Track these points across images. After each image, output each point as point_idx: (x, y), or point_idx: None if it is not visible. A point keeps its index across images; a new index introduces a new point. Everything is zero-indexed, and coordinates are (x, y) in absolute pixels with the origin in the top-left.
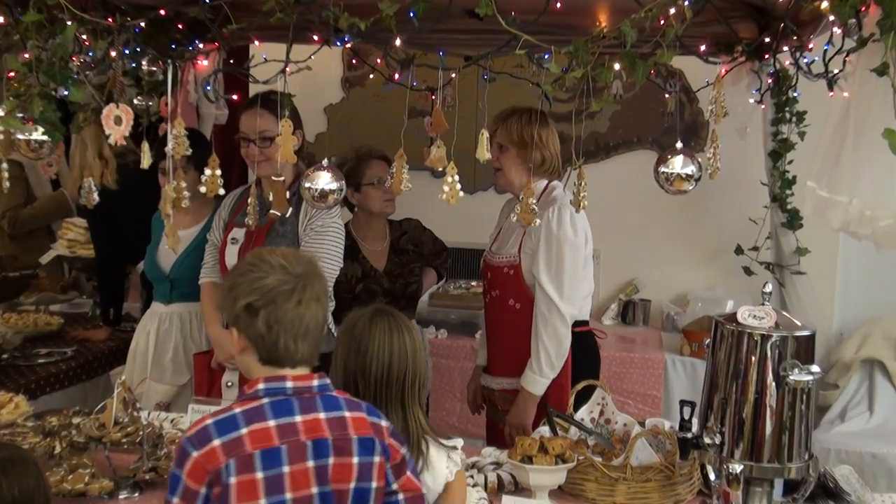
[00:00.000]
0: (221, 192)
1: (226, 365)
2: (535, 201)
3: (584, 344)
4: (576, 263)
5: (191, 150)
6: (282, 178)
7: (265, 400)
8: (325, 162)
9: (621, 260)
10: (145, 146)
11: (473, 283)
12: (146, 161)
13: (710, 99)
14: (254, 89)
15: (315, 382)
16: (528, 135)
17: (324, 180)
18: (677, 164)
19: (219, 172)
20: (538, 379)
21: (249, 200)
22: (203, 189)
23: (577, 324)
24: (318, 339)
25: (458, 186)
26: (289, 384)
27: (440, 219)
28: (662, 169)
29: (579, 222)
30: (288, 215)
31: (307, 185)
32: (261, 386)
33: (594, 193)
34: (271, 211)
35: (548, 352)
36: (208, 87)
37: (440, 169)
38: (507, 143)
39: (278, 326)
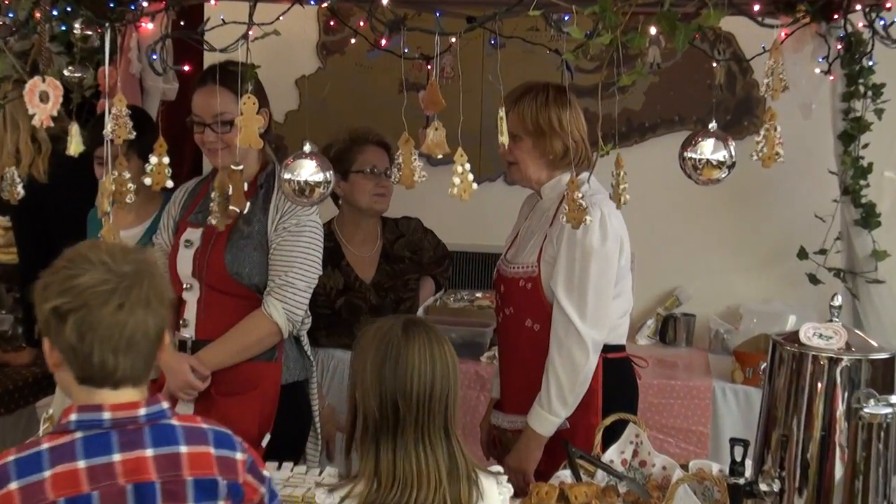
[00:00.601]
0: (170, 184)
1: (179, 396)
2: (580, 195)
3: (619, 374)
4: (604, 277)
5: (134, 134)
6: (240, 168)
7: (77, 434)
8: (307, 147)
9: (659, 266)
10: (74, 129)
11: (478, 295)
12: (75, 147)
13: (767, 69)
14: (210, 59)
15: (142, 411)
16: (544, 121)
17: (307, 170)
18: (707, 149)
19: (167, 160)
20: (546, 416)
21: (213, 196)
22: (148, 181)
23: (610, 349)
24: (147, 355)
25: (471, 177)
26: (106, 415)
27: (435, 215)
28: (689, 154)
29: (612, 226)
30: (245, 211)
31: (287, 176)
32: (72, 417)
33: (627, 185)
34: (230, 207)
35: (560, 384)
36: (154, 56)
37: (438, 156)
38: (520, 131)
39: (91, 335)
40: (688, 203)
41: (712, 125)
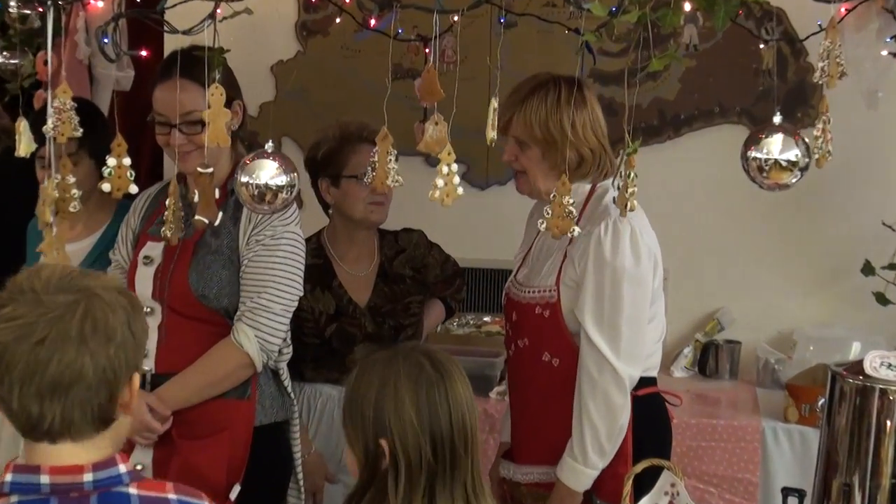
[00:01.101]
0: (133, 189)
1: (135, 440)
2: (570, 201)
3: (651, 413)
4: (639, 303)
5: (80, 131)
6: (209, 171)
7: (13, 499)
8: (268, 146)
9: (698, 285)
10: (23, 125)
11: (486, 319)
12: (25, 147)
13: (822, 51)
14: (171, 43)
15: (87, 476)
16: (555, 126)
17: (267, 172)
18: (774, 147)
19: (128, 162)
20: (582, 470)
21: (168, 202)
22: (106, 187)
23: (640, 383)
24: (86, 402)
25: (457, 180)
26: (44, 479)
27: (438, 226)
28: (753, 154)
29: (644, 242)
30: (218, 222)
31: (244, 179)
32: (8, 477)
33: (658, 188)
34: (196, 218)
35: (596, 432)
36: (106, 40)
37: (438, 155)
38: (527, 138)
39: (9, 377)
40: (731, 209)
41: (776, 117)
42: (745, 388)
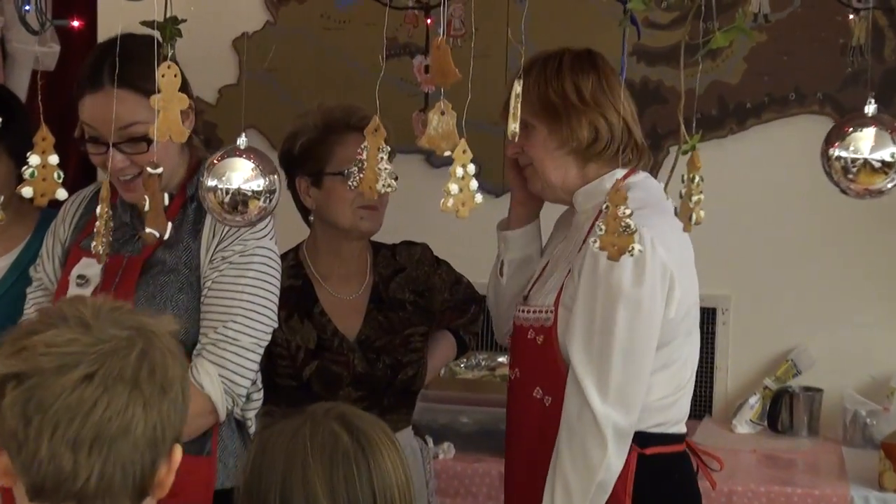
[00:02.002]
0: (62, 194)
1: None
2: (627, 212)
3: (663, 477)
4: (638, 333)
5: None
6: (158, 171)
7: None
8: (241, 141)
9: (767, 316)
10: None
11: (501, 360)
12: None
13: None
14: (107, 10)
15: None
16: (556, 93)
17: (240, 174)
18: (864, 144)
19: (55, 160)
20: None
21: (99, 210)
22: (27, 192)
23: (654, 439)
24: (132, 461)
25: (475, 185)
26: None
27: (443, 240)
28: (837, 152)
29: (657, 256)
30: (167, 236)
31: (211, 183)
32: None
33: (717, 194)
34: (147, 231)
35: (568, 487)
36: (28, 7)
37: (445, 153)
38: (529, 117)
39: (41, 417)
40: (811, 222)
41: (870, 107)
42: (828, 448)
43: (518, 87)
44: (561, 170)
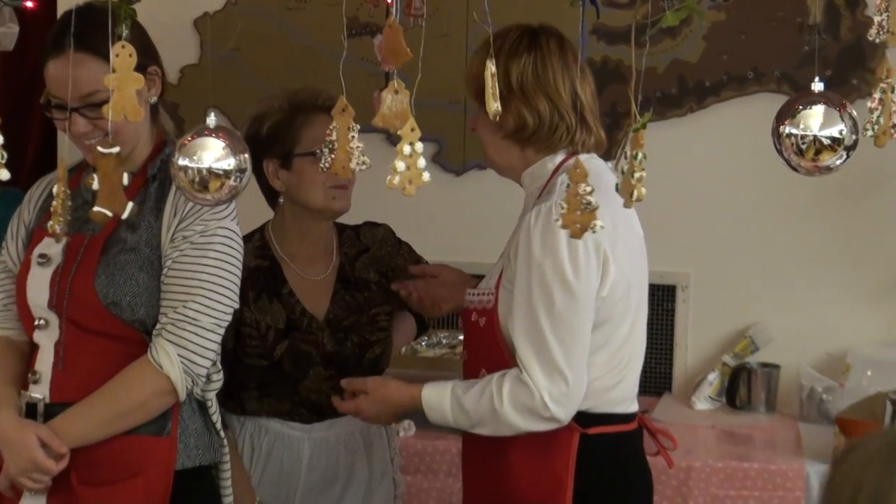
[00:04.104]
0: (4, 175)
1: (22, 483)
2: (588, 188)
3: (607, 458)
4: (576, 312)
5: None
6: (114, 150)
7: None
8: (210, 120)
9: (726, 294)
10: None
11: (462, 338)
12: None
13: (880, 3)
14: None
15: None
16: (498, 78)
17: (211, 154)
18: (814, 121)
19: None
20: (440, 409)
21: (56, 189)
22: None
23: (597, 419)
24: None
25: (422, 163)
26: None
27: (404, 220)
28: (788, 129)
29: (593, 239)
30: (127, 215)
31: (181, 162)
32: None
33: (677, 173)
34: (94, 209)
35: (477, 418)
36: None
37: (398, 132)
38: (470, 95)
39: None
40: (769, 200)
41: (818, 84)
42: (784, 423)
43: (493, 67)
44: (503, 152)
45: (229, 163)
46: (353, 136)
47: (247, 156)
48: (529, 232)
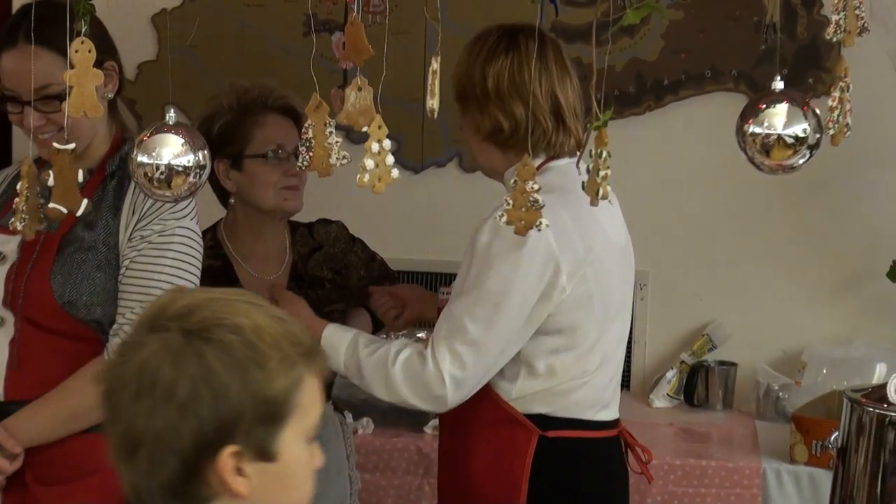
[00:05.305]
0: None
1: None
2: (535, 186)
3: (574, 462)
4: (506, 318)
5: None
6: (69, 147)
7: None
8: (169, 116)
9: (683, 292)
10: None
11: (421, 335)
12: None
13: (836, 2)
14: None
15: None
16: (468, 80)
17: (170, 150)
18: (778, 120)
19: None
20: (337, 354)
21: (20, 186)
22: None
23: (558, 423)
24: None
25: (391, 160)
26: None
27: (360, 217)
28: (752, 128)
29: (540, 239)
30: (82, 212)
31: (141, 158)
32: None
33: (634, 171)
34: (50, 205)
35: (364, 369)
36: None
37: (363, 129)
38: (454, 97)
39: None
40: (726, 198)
41: (777, 83)
42: (741, 421)
43: (435, 64)
44: (485, 154)
45: (188, 159)
46: (330, 132)
47: (206, 152)
48: (479, 230)
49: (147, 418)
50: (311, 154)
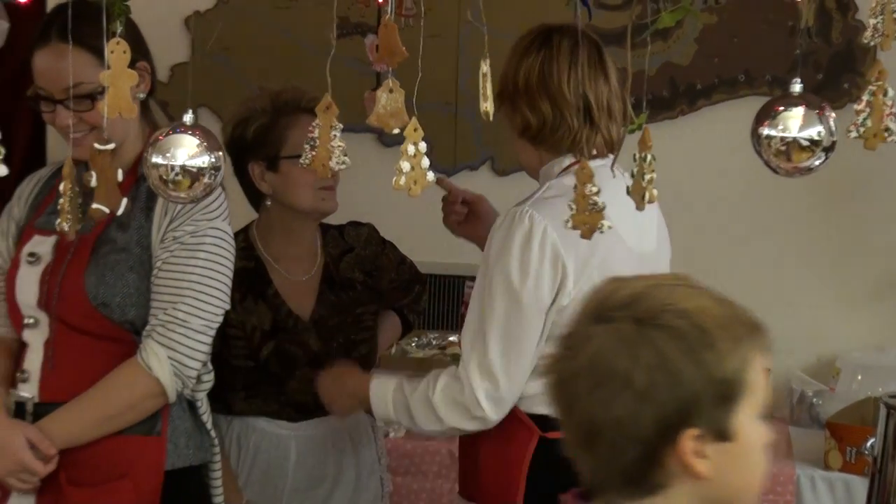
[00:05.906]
0: (2, 171)
1: (10, 484)
2: (594, 189)
3: (573, 464)
4: (516, 322)
5: None
6: (109, 147)
7: None
8: (187, 118)
9: None
10: None
11: (452, 339)
12: None
13: (875, 4)
14: None
15: None
16: (510, 77)
17: (185, 151)
18: (793, 122)
19: None
20: (384, 405)
21: (62, 187)
22: None
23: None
24: None
25: (426, 163)
26: None
27: (390, 220)
28: (767, 131)
29: (547, 246)
30: (121, 211)
31: (154, 159)
32: None
33: (665, 175)
34: (93, 206)
35: (412, 408)
36: None
37: (395, 130)
38: (495, 95)
39: None
40: (758, 203)
41: (796, 86)
42: (775, 427)
43: (485, 67)
44: (522, 151)
45: (204, 160)
46: (335, 135)
47: (221, 153)
48: (492, 236)
49: (605, 409)
50: (313, 153)
